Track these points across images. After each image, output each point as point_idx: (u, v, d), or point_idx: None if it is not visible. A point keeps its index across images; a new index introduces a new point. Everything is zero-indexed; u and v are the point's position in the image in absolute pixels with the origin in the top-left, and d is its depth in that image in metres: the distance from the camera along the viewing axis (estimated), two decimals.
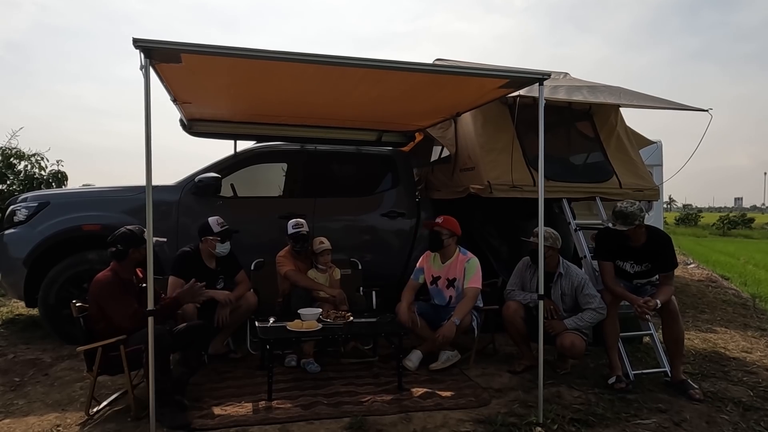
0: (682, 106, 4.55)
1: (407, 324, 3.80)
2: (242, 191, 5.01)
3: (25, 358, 3.92)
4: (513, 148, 4.39)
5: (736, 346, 4.63)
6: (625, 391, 3.41)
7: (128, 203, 4.39)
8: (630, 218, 3.45)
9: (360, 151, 5.27)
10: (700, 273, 9.37)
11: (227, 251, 3.86)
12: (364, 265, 4.62)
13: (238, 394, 3.25)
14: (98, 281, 3.05)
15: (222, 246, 3.81)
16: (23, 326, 4.86)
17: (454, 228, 3.97)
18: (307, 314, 3.54)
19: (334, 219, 4.85)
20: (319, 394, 3.27)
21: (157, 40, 2.42)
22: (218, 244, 3.80)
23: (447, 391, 3.36)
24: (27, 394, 3.28)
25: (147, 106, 2.49)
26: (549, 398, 3.24)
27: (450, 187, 4.89)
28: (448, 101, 3.95)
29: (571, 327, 3.57)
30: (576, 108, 4.75)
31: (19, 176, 7.74)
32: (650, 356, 4.08)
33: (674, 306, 3.53)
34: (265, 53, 2.60)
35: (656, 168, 7.26)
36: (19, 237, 4.29)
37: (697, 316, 5.88)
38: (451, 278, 3.94)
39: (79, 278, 4.22)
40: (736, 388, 3.55)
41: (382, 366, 3.85)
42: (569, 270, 3.73)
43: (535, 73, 3.05)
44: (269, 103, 4.10)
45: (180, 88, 3.61)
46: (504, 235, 4.80)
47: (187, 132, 4.96)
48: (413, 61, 2.92)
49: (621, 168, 4.69)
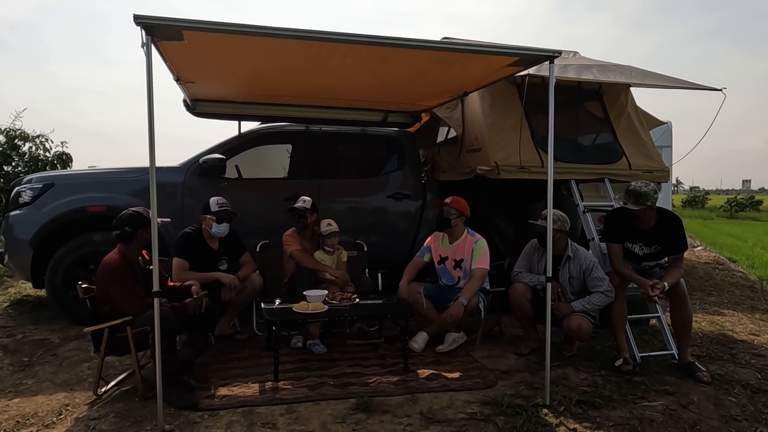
0: (695, 85, 4.45)
1: (407, 300, 3.79)
2: (247, 173, 4.98)
3: (34, 339, 3.95)
4: (521, 129, 4.33)
5: (743, 329, 4.61)
6: (632, 374, 3.40)
7: (133, 185, 4.37)
8: (643, 198, 3.40)
9: (365, 131, 5.21)
10: (707, 255, 9.30)
11: (224, 232, 3.82)
12: (369, 246, 4.59)
13: (245, 375, 3.26)
14: (106, 264, 3.05)
15: (218, 226, 3.78)
16: (31, 307, 4.89)
17: (463, 208, 3.93)
18: (313, 296, 3.53)
19: (339, 201, 4.81)
20: (325, 375, 3.28)
21: (158, 17, 2.37)
22: (214, 224, 3.77)
23: (453, 373, 3.36)
24: (36, 374, 3.31)
25: (149, 85, 2.44)
26: (555, 380, 3.24)
27: (456, 168, 4.83)
28: (455, 80, 3.88)
29: (578, 309, 3.55)
30: (585, 87, 4.66)
31: (23, 158, 7.73)
32: (657, 338, 4.06)
33: (683, 288, 3.50)
34: (268, 29, 2.54)
35: (665, 149, 7.16)
36: (25, 218, 4.29)
37: (704, 299, 5.84)
38: (458, 259, 3.92)
39: (85, 260, 4.23)
40: (743, 370, 3.53)
41: (387, 347, 3.86)
42: (578, 253, 3.69)
43: (546, 51, 2.97)
44: (273, 83, 4.04)
45: (183, 67, 3.55)
46: (511, 216, 4.76)
47: (191, 112, 4.90)
48: (420, 38, 2.85)
49: (631, 149, 4.61)
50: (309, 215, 4.09)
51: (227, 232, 3.84)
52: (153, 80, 2.45)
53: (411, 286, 3.94)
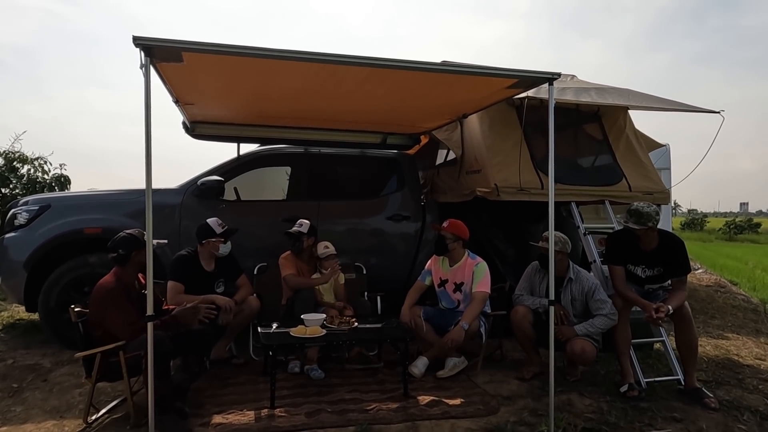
0: (693, 108, 4.47)
1: (408, 324, 3.72)
2: (245, 194, 4.95)
3: (25, 364, 3.86)
4: (521, 151, 4.32)
5: (749, 353, 4.53)
6: (638, 399, 3.31)
7: (130, 206, 4.33)
8: (645, 218, 3.37)
9: (364, 153, 5.20)
10: (708, 278, 9.22)
11: (229, 251, 3.83)
12: (368, 269, 4.54)
13: (241, 401, 3.17)
14: (100, 287, 2.99)
15: (225, 246, 3.79)
16: (24, 331, 4.80)
17: (460, 232, 3.89)
18: (310, 320, 3.46)
19: (338, 222, 4.78)
20: (323, 402, 3.19)
21: (157, 38, 2.37)
22: (221, 245, 3.76)
23: (454, 399, 3.27)
24: (25, 401, 3.21)
25: (147, 106, 2.43)
26: (560, 406, 3.15)
27: (456, 190, 4.81)
28: (454, 102, 3.89)
29: (581, 333, 3.48)
30: (584, 110, 4.68)
31: (21, 180, 7.71)
32: (662, 363, 3.98)
33: (687, 312, 3.44)
34: (267, 51, 2.54)
35: (664, 171, 7.16)
36: (20, 240, 4.24)
37: (707, 322, 5.77)
38: (459, 282, 3.87)
39: (80, 282, 4.17)
40: (752, 396, 3.45)
41: (387, 372, 3.77)
42: (579, 275, 3.65)
43: (545, 73, 2.98)
44: (272, 105, 4.04)
45: (182, 89, 3.55)
46: (511, 238, 4.72)
47: (190, 135, 4.90)
48: (419, 60, 2.86)
49: (630, 170, 4.61)
50: (305, 239, 4.05)
51: (230, 249, 3.84)
52: (151, 101, 2.45)
53: (411, 310, 3.88)
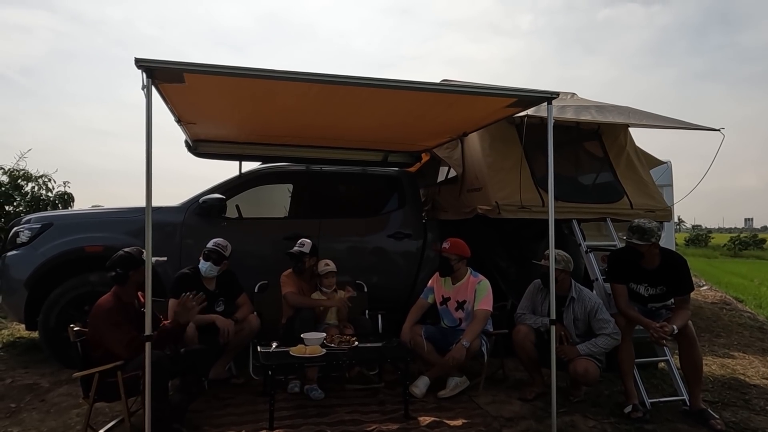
0: (694, 126, 4.48)
1: (409, 343, 3.69)
2: (247, 212, 4.96)
3: (23, 383, 3.83)
4: (521, 168, 4.33)
5: (755, 373, 4.46)
6: (643, 421, 3.26)
7: (131, 224, 4.34)
8: (647, 234, 3.36)
9: (366, 171, 5.22)
10: (713, 295, 9.15)
11: (212, 273, 3.77)
12: (369, 287, 4.52)
13: (239, 423, 3.14)
14: (99, 306, 2.98)
15: (203, 264, 3.74)
16: (23, 349, 4.78)
17: (462, 251, 3.88)
18: (310, 339, 3.44)
19: (339, 240, 4.77)
20: (322, 423, 3.15)
21: (159, 60, 2.40)
22: (201, 260, 3.74)
23: (456, 420, 3.22)
24: (22, 422, 3.18)
25: (148, 126, 2.46)
26: (563, 428, 3.11)
27: (457, 207, 4.81)
28: (455, 121, 3.91)
29: (584, 353, 3.44)
30: (584, 128, 4.70)
31: (25, 198, 7.74)
32: (666, 383, 3.93)
33: (691, 331, 3.41)
34: (268, 72, 2.57)
35: (666, 188, 7.16)
36: (22, 258, 4.24)
37: (713, 340, 5.70)
38: (461, 300, 3.84)
39: (81, 300, 4.15)
40: (759, 417, 3.40)
41: (387, 392, 3.73)
42: (582, 294, 3.62)
43: (544, 92, 3.00)
44: (274, 124, 4.07)
45: (184, 109, 3.59)
46: (512, 256, 4.71)
47: (192, 153, 4.93)
48: (419, 80, 2.88)
49: (631, 188, 4.60)
50: (307, 259, 4.04)
51: (213, 272, 3.78)
52: (152, 121, 2.47)
53: (412, 329, 3.85)
